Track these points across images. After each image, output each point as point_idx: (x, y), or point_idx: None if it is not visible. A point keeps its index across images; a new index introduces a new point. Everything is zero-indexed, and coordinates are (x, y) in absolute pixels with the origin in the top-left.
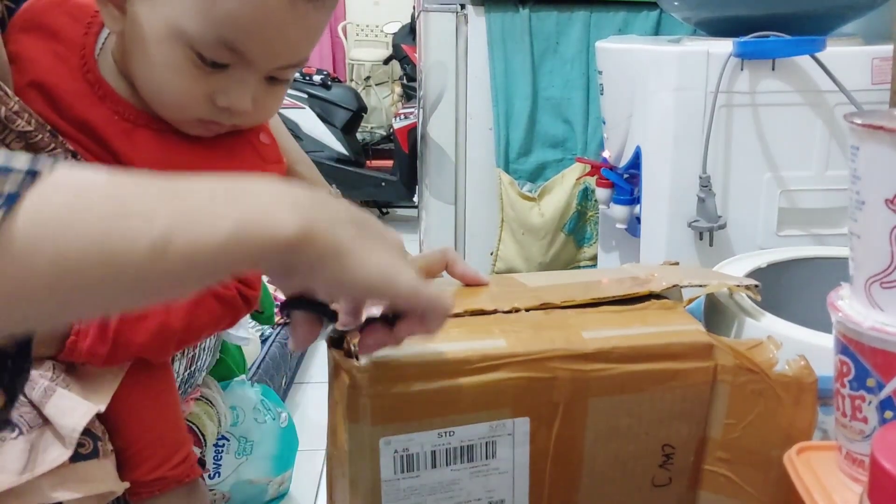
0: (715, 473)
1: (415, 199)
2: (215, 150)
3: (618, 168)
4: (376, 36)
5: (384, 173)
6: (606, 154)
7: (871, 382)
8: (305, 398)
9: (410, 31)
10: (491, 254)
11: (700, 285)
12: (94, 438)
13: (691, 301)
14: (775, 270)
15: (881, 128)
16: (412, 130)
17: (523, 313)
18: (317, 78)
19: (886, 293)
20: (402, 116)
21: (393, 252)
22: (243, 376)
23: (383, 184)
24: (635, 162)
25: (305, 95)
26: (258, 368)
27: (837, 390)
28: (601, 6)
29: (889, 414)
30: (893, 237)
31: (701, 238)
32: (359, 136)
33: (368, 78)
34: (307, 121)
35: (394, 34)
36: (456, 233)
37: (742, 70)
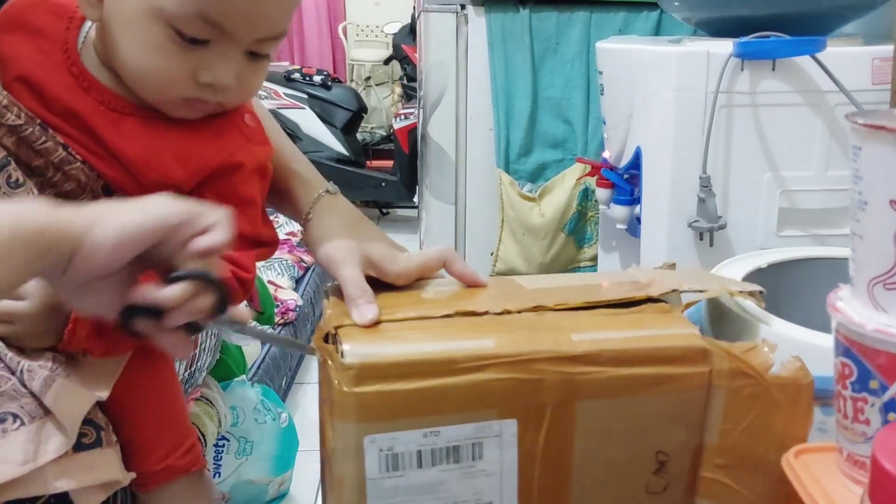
0: (712, 480)
1: (415, 200)
2: (201, 134)
3: (618, 168)
4: (376, 36)
5: (384, 174)
6: (607, 154)
7: (875, 384)
8: (305, 398)
9: (410, 32)
10: (491, 254)
11: (700, 290)
12: (97, 428)
13: (689, 305)
14: (775, 271)
15: (884, 128)
16: (412, 131)
17: (515, 315)
18: (317, 78)
19: (890, 294)
20: (403, 117)
21: (139, 203)
22: (243, 376)
23: (383, 184)
24: (635, 162)
25: (305, 96)
26: (258, 369)
27: (839, 392)
28: (601, 6)
29: (893, 416)
30: None
31: (701, 238)
32: (359, 137)
33: (369, 78)
34: (307, 121)
35: (394, 34)
36: (456, 233)
37: (742, 70)
